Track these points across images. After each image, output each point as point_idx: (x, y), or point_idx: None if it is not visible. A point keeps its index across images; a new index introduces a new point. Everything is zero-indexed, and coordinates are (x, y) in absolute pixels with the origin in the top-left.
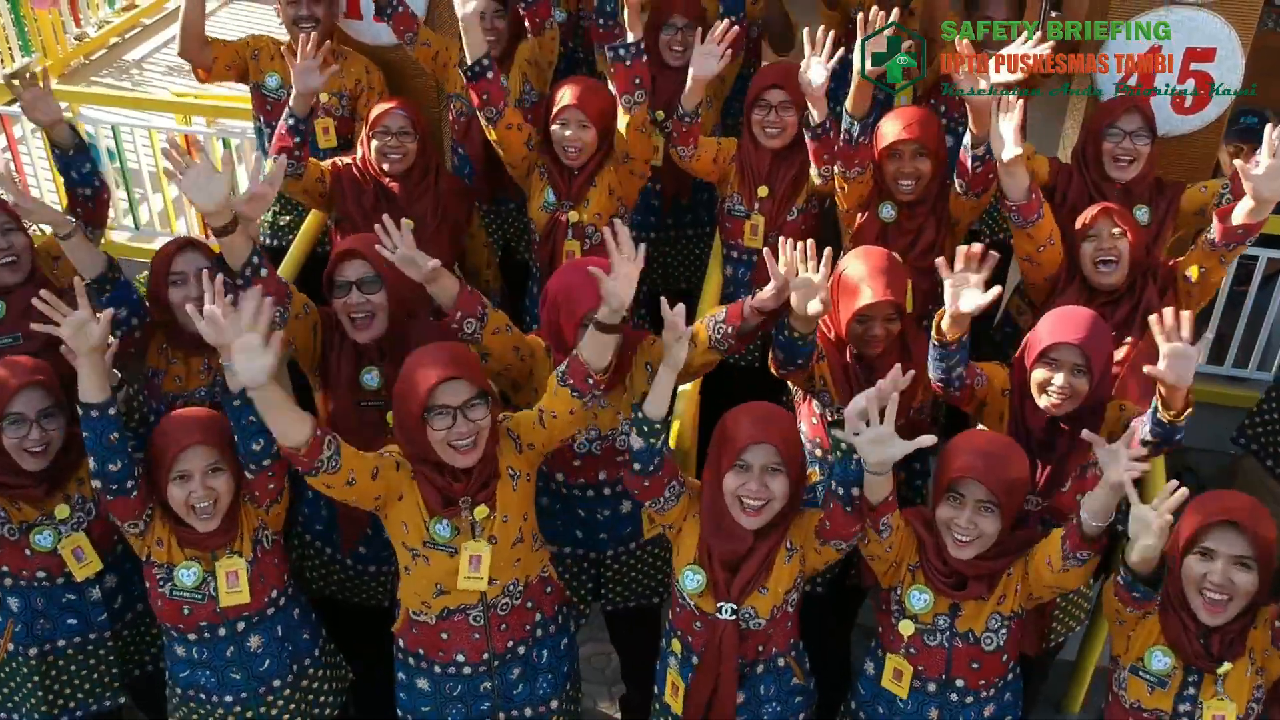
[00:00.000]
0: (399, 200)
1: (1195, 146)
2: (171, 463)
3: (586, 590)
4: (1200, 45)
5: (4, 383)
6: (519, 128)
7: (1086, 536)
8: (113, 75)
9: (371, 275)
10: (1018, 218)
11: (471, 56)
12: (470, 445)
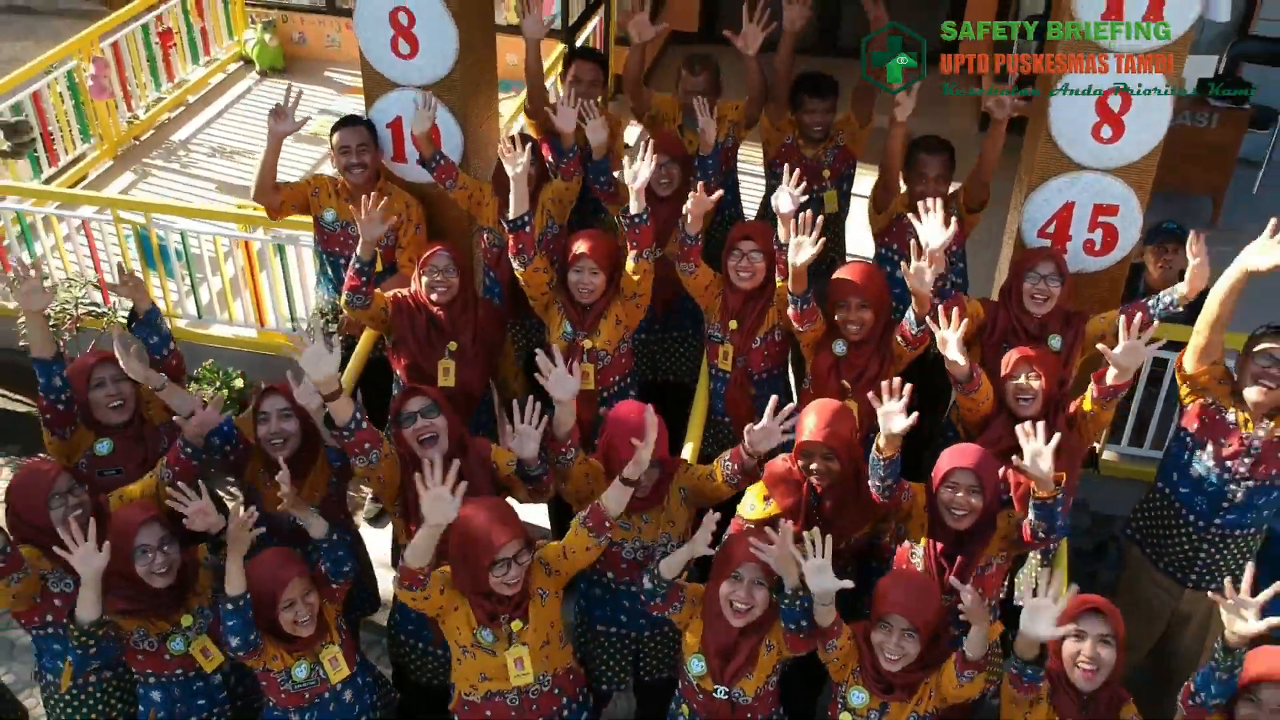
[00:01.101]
0: (445, 327)
1: (1104, 281)
2: (279, 597)
3: (626, 662)
4: (1106, 203)
5: (130, 520)
6: (544, 270)
7: (970, 660)
8: (162, 156)
9: (431, 404)
10: (961, 389)
11: (515, 212)
12: (517, 582)
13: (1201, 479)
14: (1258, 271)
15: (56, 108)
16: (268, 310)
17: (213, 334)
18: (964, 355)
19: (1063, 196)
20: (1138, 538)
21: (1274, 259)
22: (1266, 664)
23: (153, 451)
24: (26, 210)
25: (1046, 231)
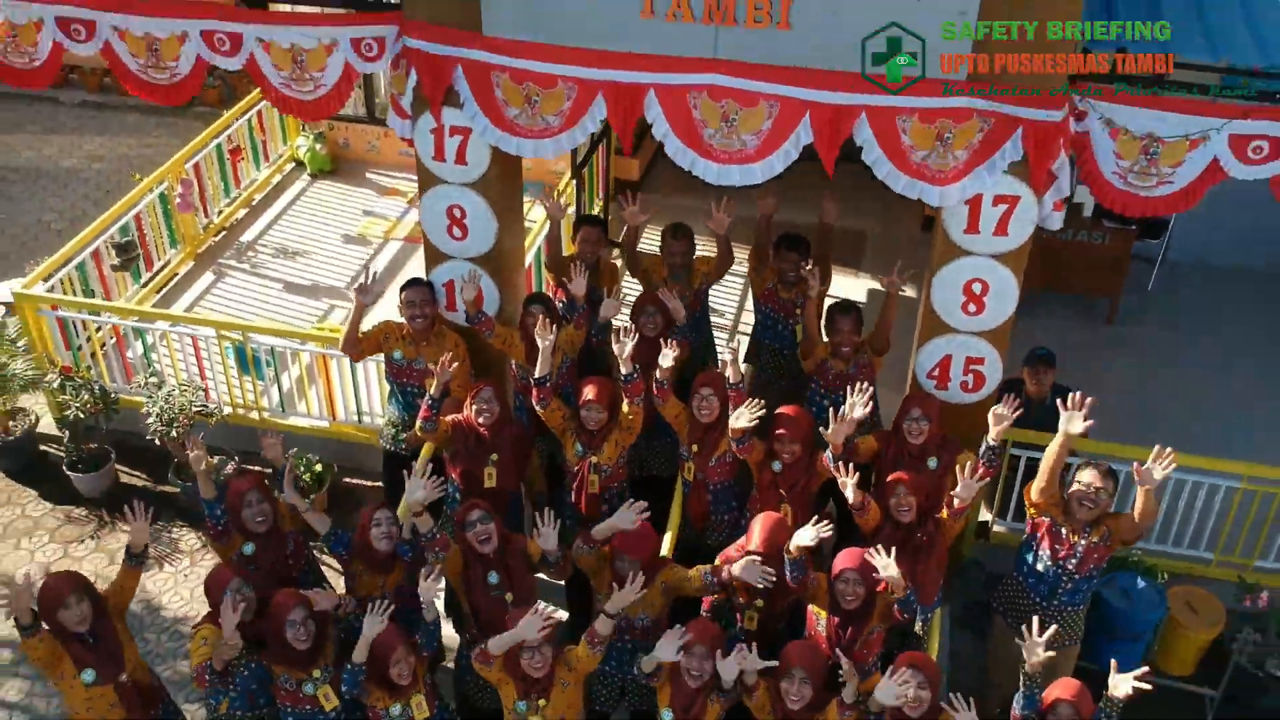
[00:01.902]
0: (488, 443)
1: (977, 410)
2: (390, 664)
3: (614, 692)
4: (975, 355)
5: (284, 603)
6: (558, 409)
7: (846, 704)
8: (234, 256)
9: (485, 515)
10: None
11: (540, 373)
12: (542, 667)
13: (1042, 573)
14: (1074, 435)
15: (152, 224)
16: (339, 406)
17: (292, 423)
18: (856, 494)
19: (943, 351)
20: (1000, 610)
21: (1081, 426)
22: (1061, 689)
23: (284, 552)
24: (146, 326)
25: (933, 374)
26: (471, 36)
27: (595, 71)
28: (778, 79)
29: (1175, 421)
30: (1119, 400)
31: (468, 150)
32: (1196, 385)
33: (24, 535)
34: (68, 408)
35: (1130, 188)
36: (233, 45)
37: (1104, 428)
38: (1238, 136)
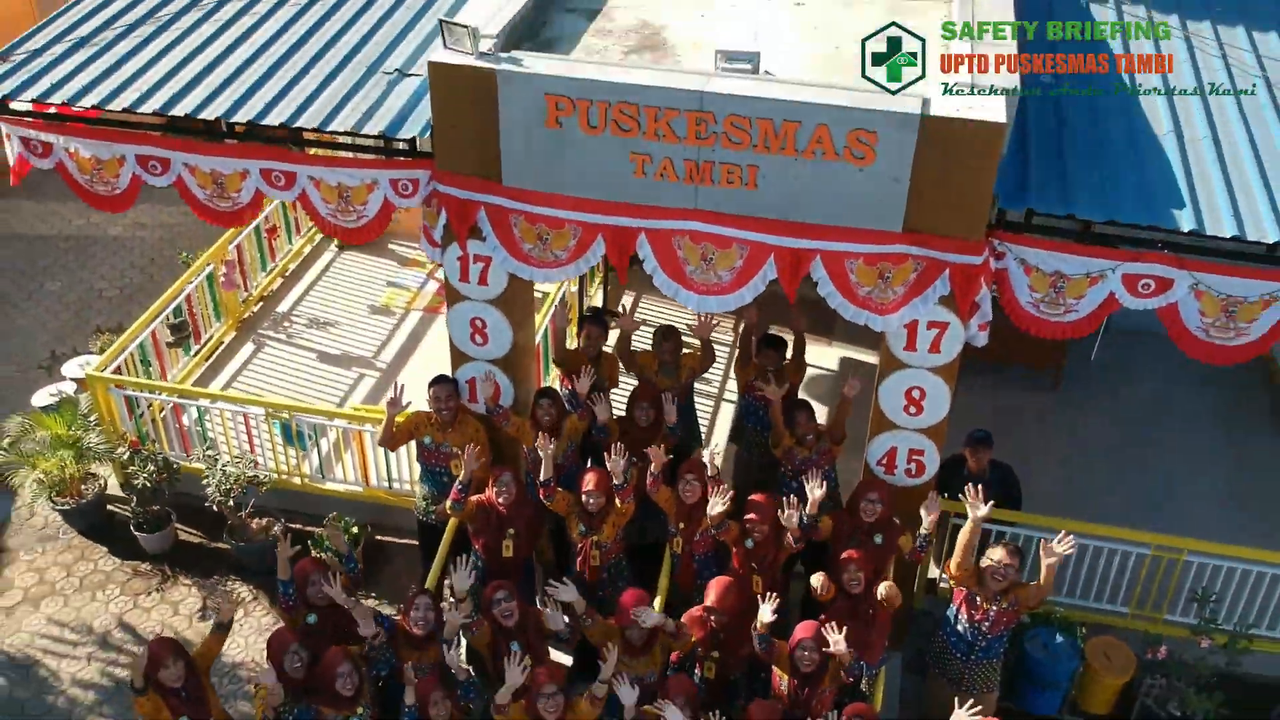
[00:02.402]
0: (506, 518)
1: (918, 492)
2: (430, 711)
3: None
4: (916, 447)
5: (335, 657)
6: (562, 499)
7: None
8: (271, 327)
9: (507, 594)
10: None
11: (544, 476)
12: (555, 711)
13: (962, 633)
14: (981, 520)
15: (200, 301)
16: (372, 473)
17: (329, 488)
18: (819, 582)
19: (889, 444)
20: (931, 662)
21: (985, 511)
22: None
23: (340, 620)
24: (205, 406)
25: (881, 462)
26: (493, 185)
27: (596, 217)
28: (747, 227)
29: (1106, 486)
30: (1059, 465)
31: (489, 274)
32: (1130, 452)
33: (98, 588)
34: (136, 477)
35: (1042, 315)
36: (288, 182)
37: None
38: (1129, 275)
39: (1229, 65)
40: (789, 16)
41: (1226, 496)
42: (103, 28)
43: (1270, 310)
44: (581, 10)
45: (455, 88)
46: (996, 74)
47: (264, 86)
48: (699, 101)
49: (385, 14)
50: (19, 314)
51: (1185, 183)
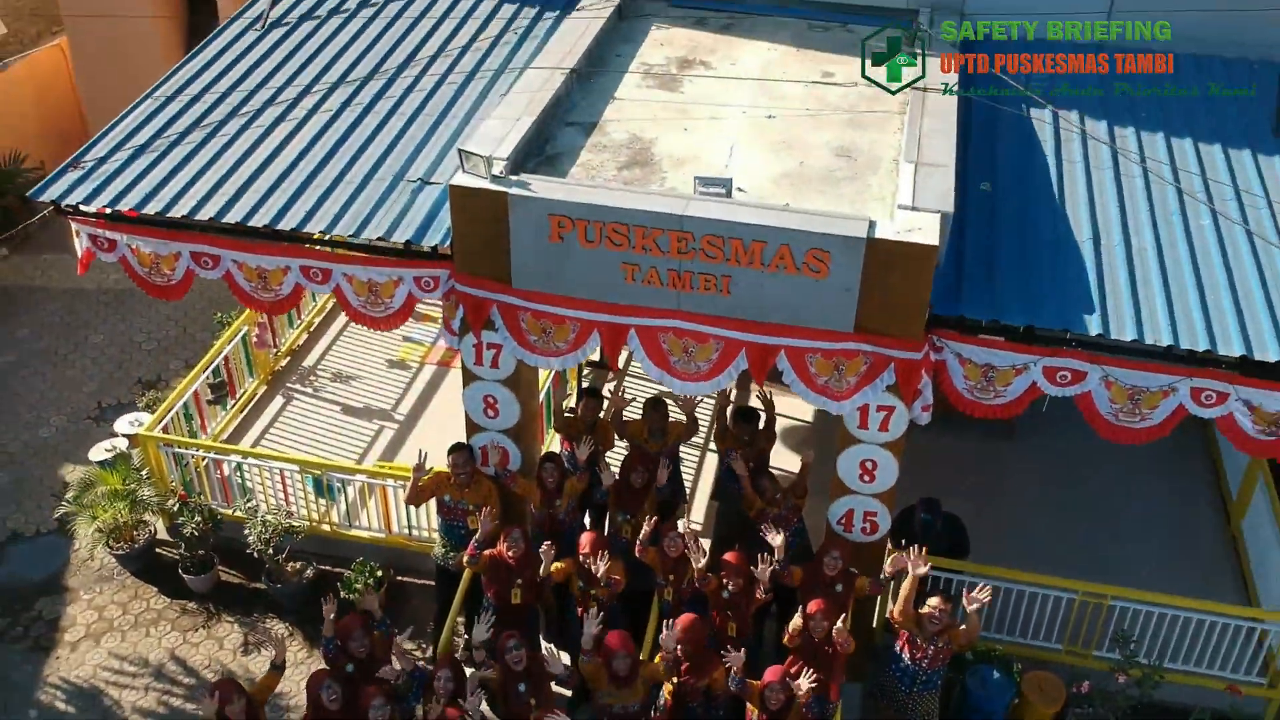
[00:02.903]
0: (516, 570)
1: (872, 548)
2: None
3: None
4: (869, 510)
5: (372, 694)
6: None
7: None
8: (298, 381)
9: (517, 643)
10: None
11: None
12: None
13: (905, 669)
14: (919, 575)
15: (235, 360)
16: (393, 521)
17: (354, 534)
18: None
19: (847, 507)
20: (877, 694)
21: (924, 570)
22: None
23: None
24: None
25: (841, 522)
26: (504, 287)
27: (593, 315)
28: (722, 326)
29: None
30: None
31: (500, 359)
32: (1078, 500)
33: (151, 625)
34: (184, 526)
35: (976, 398)
36: (324, 277)
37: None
38: (1049, 367)
39: (1146, 172)
40: (760, 130)
41: (1165, 544)
42: (156, 135)
43: (1169, 399)
44: (580, 125)
45: (472, 206)
46: (932, 198)
47: (303, 194)
48: (680, 223)
49: (407, 121)
50: (66, 365)
51: (1097, 287)
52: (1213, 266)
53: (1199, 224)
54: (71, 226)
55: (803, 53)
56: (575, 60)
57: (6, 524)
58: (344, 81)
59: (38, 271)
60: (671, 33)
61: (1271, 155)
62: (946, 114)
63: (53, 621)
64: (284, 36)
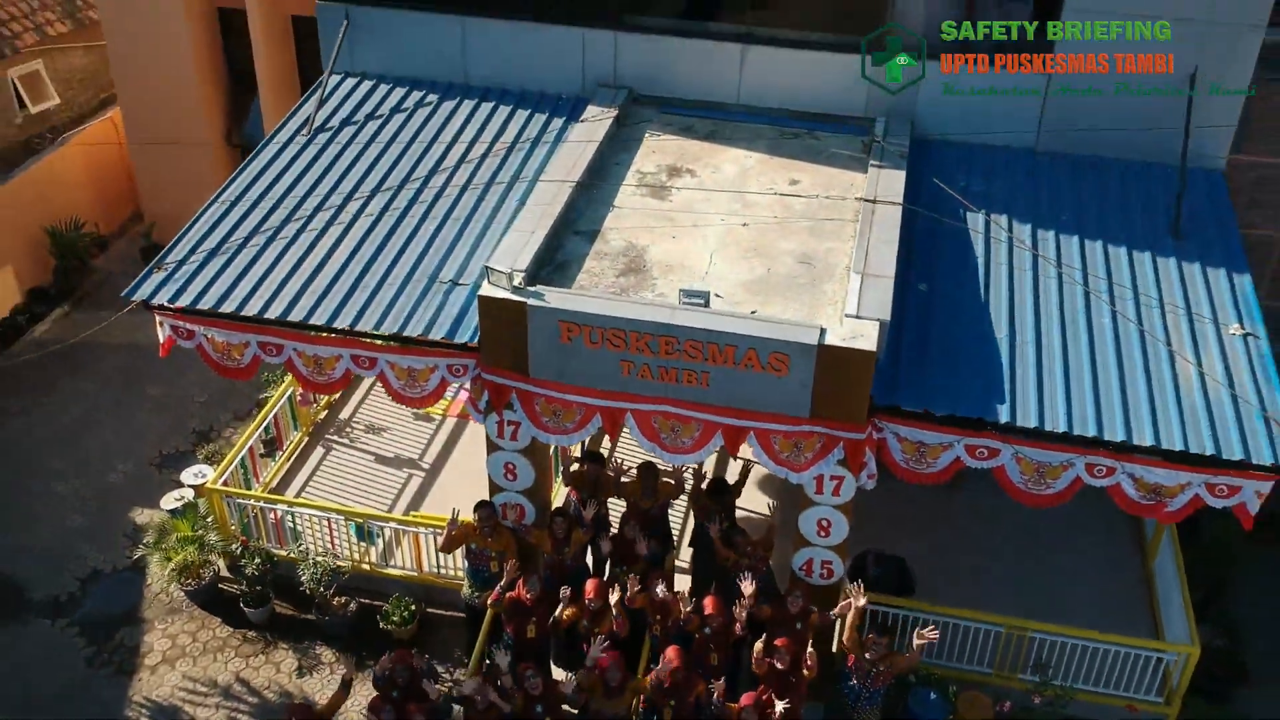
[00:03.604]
0: (532, 609)
1: (830, 591)
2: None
3: None
4: (824, 559)
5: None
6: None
7: None
8: (335, 431)
9: (535, 673)
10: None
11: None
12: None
13: (853, 689)
14: (861, 609)
15: (283, 416)
16: (425, 561)
17: (389, 571)
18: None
19: (807, 556)
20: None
21: (863, 603)
22: None
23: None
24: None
25: (803, 568)
26: (522, 376)
27: (596, 401)
28: (702, 411)
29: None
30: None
31: (518, 434)
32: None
33: (217, 651)
34: (246, 567)
35: (911, 468)
36: (370, 364)
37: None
38: (970, 445)
39: (1060, 275)
40: (736, 237)
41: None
42: (224, 240)
43: (1068, 471)
44: (585, 233)
45: (497, 312)
46: (873, 307)
47: (353, 295)
48: (667, 330)
49: (438, 225)
50: (129, 416)
51: (1009, 380)
52: (1107, 361)
53: (1100, 322)
54: (156, 318)
55: (774, 160)
56: (580, 173)
57: (87, 562)
58: (382, 187)
59: (97, 327)
60: (663, 140)
61: (1168, 256)
62: (891, 225)
63: (133, 648)
64: (328, 141)
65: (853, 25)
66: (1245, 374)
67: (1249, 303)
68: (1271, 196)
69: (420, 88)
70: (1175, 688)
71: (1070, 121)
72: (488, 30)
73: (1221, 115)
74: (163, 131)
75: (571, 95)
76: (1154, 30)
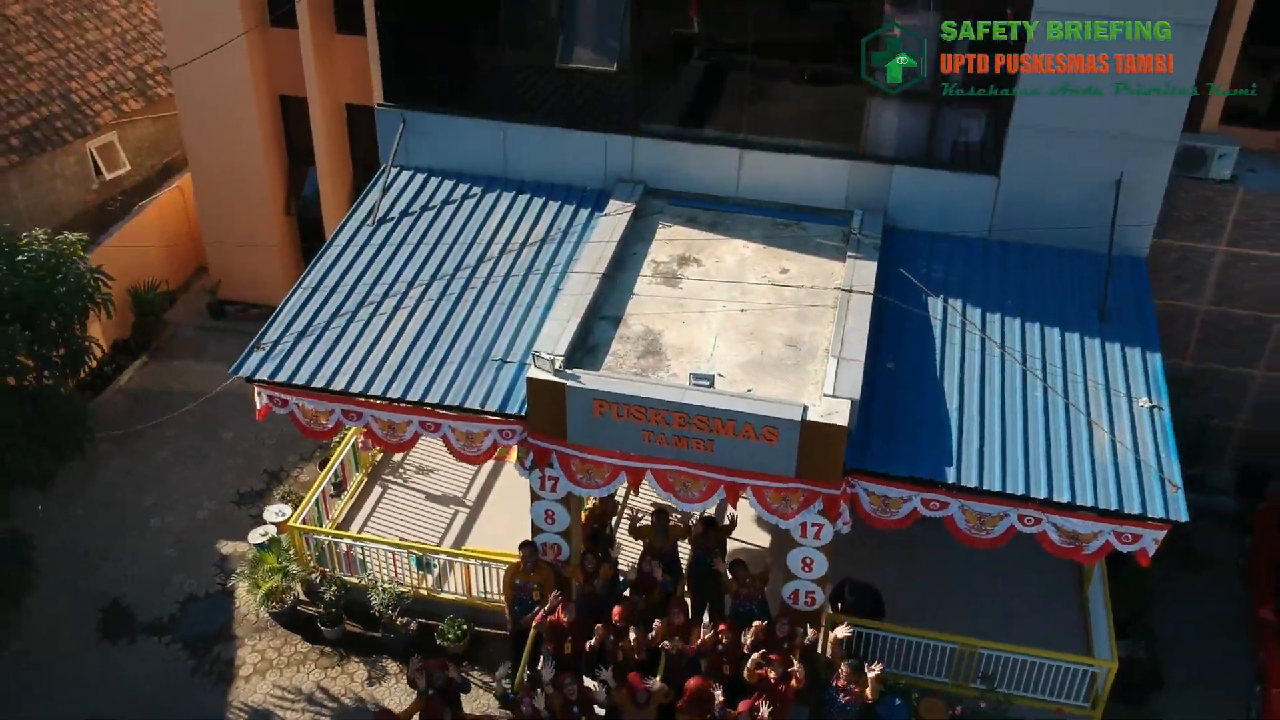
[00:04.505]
0: (569, 630)
1: (814, 615)
2: None
3: None
4: (809, 590)
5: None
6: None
7: None
8: (389, 472)
9: (573, 680)
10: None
11: (593, 639)
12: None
13: (833, 699)
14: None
15: (348, 461)
16: (474, 587)
17: (444, 595)
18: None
19: (794, 588)
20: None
21: (844, 633)
22: None
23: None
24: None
25: (791, 598)
26: (561, 441)
27: (621, 462)
28: (708, 470)
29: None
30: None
31: (557, 487)
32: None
33: (299, 664)
34: (324, 593)
35: (879, 516)
36: (435, 428)
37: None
38: (924, 499)
39: (1003, 356)
40: (735, 323)
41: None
42: (309, 323)
43: (1004, 520)
44: (610, 319)
45: (541, 391)
46: (846, 387)
47: (421, 371)
48: (679, 408)
49: (488, 308)
50: (208, 459)
51: (956, 446)
52: (1037, 430)
53: (1034, 396)
54: (255, 389)
55: (768, 249)
56: (605, 265)
57: (184, 588)
58: (439, 274)
59: (172, 377)
60: (674, 230)
61: (1094, 337)
62: (864, 313)
63: (228, 661)
64: (390, 231)
65: (832, 134)
66: (1149, 441)
67: (1157, 379)
68: (1191, 273)
69: (466, 181)
70: (1100, 694)
71: (1016, 216)
72: (525, 134)
73: (1143, 213)
74: (229, 200)
75: (595, 188)
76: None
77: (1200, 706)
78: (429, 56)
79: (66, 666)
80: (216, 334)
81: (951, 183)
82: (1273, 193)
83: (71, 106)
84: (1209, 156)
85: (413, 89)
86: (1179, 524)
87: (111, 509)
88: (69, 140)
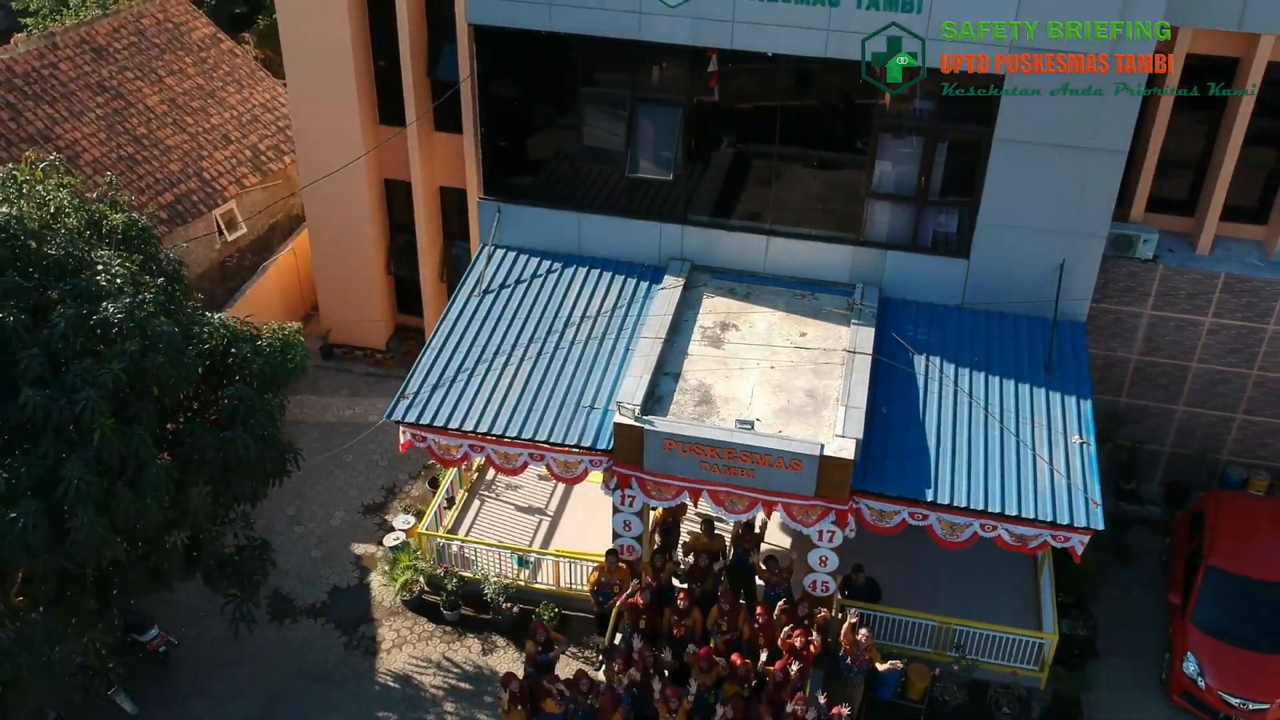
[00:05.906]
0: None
1: (826, 599)
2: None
3: None
4: (823, 581)
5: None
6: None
7: None
8: (484, 486)
9: (647, 649)
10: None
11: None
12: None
13: (846, 665)
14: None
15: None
16: (563, 578)
17: (538, 586)
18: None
19: (812, 578)
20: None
21: (854, 620)
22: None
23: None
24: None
25: (810, 587)
26: (639, 469)
27: (685, 484)
28: (750, 491)
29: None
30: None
31: (634, 503)
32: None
33: (427, 640)
34: (446, 585)
35: (876, 525)
36: (540, 458)
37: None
38: (912, 512)
39: (971, 402)
40: (766, 377)
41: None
42: (441, 375)
43: (969, 528)
44: (671, 374)
45: (624, 433)
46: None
47: (531, 413)
48: (728, 445)
49: (576, 365)
50: (334, 477)
51: (934, 472)
52: (994, 460)
53: (993, 433)
54: (400, 428)
55: (790, 316)
56: (664, 331)
57: (329, 581)
58: (535, 335)
59: (295, 408)
60: (715, 300)
61: (1040, 386)
62: (865, 370)
63: (371, 638)
64: (494, 299)
65: (839, 225)
66: (1078, 469)
67: (1088, 421)
68: (1123, 330)
69: (548, 258)
70: (1046, 660)
71: (982, 291)
72: (595, 222)
73: (1080, 288)
74: (342, 262)
75: (651, 264)
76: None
77: (1125, 670)
78: (520, 161)
79: (252, 641)
80: (328, 372)
81: (932, 264)
82: (1185, 269)
83: (204, 182)
84: (1135, 241)
85: (506, 186)
86: (1105, 528)
87: (261, 518)
88: (204, 212)
